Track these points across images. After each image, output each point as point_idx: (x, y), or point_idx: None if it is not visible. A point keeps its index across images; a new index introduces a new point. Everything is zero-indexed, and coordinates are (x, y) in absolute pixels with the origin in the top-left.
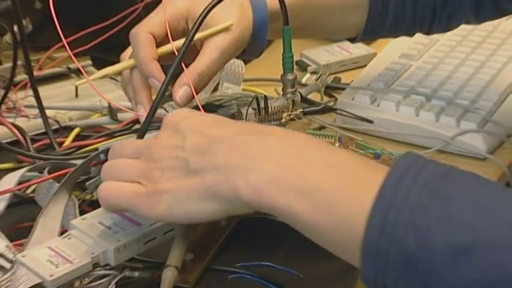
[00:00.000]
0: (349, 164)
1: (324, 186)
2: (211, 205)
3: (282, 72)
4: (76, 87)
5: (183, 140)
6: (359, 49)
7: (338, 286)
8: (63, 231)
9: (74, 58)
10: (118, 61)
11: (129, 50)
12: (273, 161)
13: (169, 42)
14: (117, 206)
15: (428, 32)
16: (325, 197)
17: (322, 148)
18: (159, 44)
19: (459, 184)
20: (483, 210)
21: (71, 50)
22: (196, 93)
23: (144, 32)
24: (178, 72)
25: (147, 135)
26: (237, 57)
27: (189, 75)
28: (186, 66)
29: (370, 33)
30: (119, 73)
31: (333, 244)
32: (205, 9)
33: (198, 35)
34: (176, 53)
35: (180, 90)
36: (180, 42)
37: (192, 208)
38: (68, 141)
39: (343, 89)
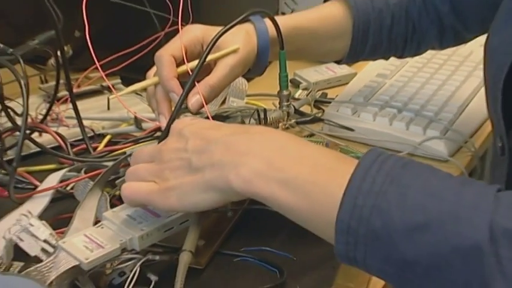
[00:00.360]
0: (323, 157)
1: (301, 176)
2: (211, 196)
3: (278, 88)
4: (108, 101)
5: (186, 143)
6: (342, 69)
7: (326, 267)
8: (96, 222)
9: (105, 78)
10: (143, 79)
11: (154, 69)
12: (258, 156)
13: (190, 61)
14: (136, 202)
15: (400, 56)
16: (302, 186)
17: (300, 143)
18: (178, 65)
19: (415, 174)
20: (434, 194)
21: (104, 71)
22: (207, 103)
23: (166, 54)
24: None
25: None
26: (243, 76)
27: (203, 86)
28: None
29: (352, 57)
30: (144, 89)
31: (311, 225)
32: (216, 36)
33: (210, 57)
34: (190, 73)
35: (193, 99)
36: (195, 62)
37: (196, 199)
38: (101, 146)
39: (329, 102)
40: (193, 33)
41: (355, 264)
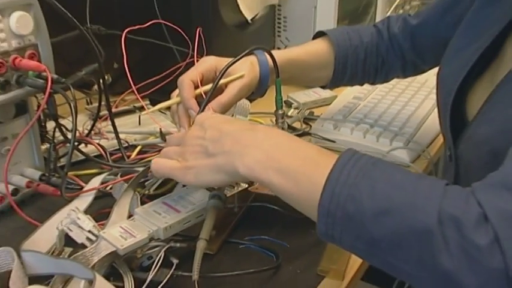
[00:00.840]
0: (311, 151)
1: (292, 167)
2: (221, 177)
3: (275, 108)
4: (139, 118)
5: (205, 133)
6: (326, 93)
7: (313, 252)
8: (129, 216)
9: (140, 99)
10: (168, 99)
11: (176, 91)
12: (260, 148)
13: (205, 85)
14: (161, 174)
15: (372, 83)
16: (293, 174)
17: (293, 140)
18: (196, 88)
19: (382, 170)
20: (396, 186)
21: (137, 94)
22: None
23: (186, 79)
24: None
25: None
26: (247, 97)
27: (215, 104)
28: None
29: (334, 83)
30: (169, 107)
31: (299, 206)
32: (226, 65)
33: (221, 81)
34: (204, 96)
35: (208, 113)
36: (210, 86)
37: (209, 178)
38: (133, 155)
39: (315, 119)
40: (208, 63)
41: (332, 241)
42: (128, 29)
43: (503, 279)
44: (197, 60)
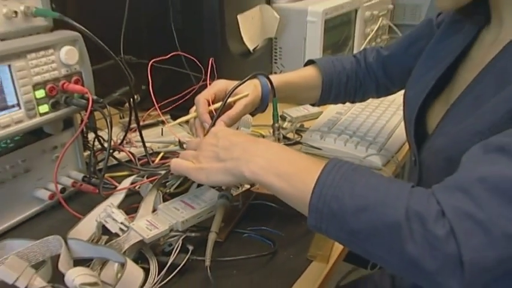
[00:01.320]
0: (303, 160)
1: (288, 172)
2: (229, 178)
3: (272, 121)
4: (162, 130)
5: (217, 141)
6: (314, 109)
7: (303, 241)
8: (154, 211)
9: (161, 115)
10: (186, 114)
11: (194, 108)
12: (262, 157)
13: (216, 103)
14: (178, 171)
15: (352, 102)
16: (289, 178)
17: (289, 151)
18: (209, 105)
19: (360, 174)
20: (372, 188)
21: (160, 110)
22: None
23: (202, 98)
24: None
25: None
26: (251, 113)
27: (225, 117)
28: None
29: (322, 101)
30: (187, 121)
31: (293, 204)
32: (234, 87)
33: (230, 99)
34: (214, 113)
35: (218, 124)
36: (220, 103)
37: (218, 179)
38: (157, 160)
39: (305, 131)
40: (219, 85)
41: (320, 232)
42: (154, 60)
43: (457, 264)
44: (209, 84)
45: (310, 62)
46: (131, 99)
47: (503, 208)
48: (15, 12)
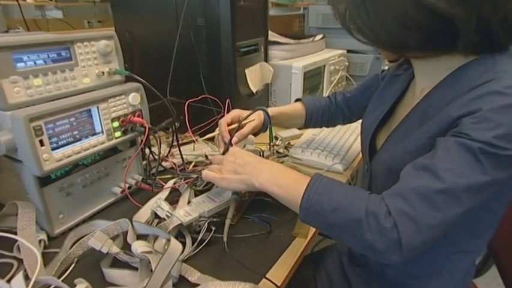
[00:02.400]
0: (295, 175)
1: (285, 184)
2: (242, 186)
3: (268, 140)
4: (193, 146)
5: (235, 159)
6: (297, 131)
7: (290, 224)
8: (188, 202)
9: (193, 136)
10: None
11: (218, 128)
12: (267, 173)
13: (233, 124)
14: (208, 179)
15: (326, 127)
16: (286, 188)
17: (285, 169)
18: (228, 125)
19: (335, 185)
20: (343, 194)
21: (192, 133)
22: (238, 142)
23: (223, 121)
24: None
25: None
26: (254, 133)
27: (238, 134)
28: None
29: (305, 127)
30: (213, 137)
31: (288, 205)
32: (246, 115)
33: (243, 123)
34: (228, 136)
35: (234, 139)
36: (235, 125)
37: (235, 186)
38: (190, 167)
39: (291, 147)
40: (235, 112)
41: (307, 223)
42: (189, 100)
43: (398, 245)
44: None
45: (298, 100)
46: (173, 126)
47: (427, 209)
48: (103, 72)
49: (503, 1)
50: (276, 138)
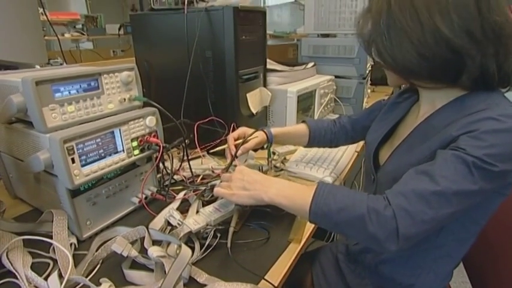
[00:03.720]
0: (299, 187)
1: (292, 195)
2: (251, 201)
3: (267, 156)
4: (201, 161)
5: (243, 177)
6: (292, 147)
7: (285, 230)
8: (197, 212)
9: (199, 152)
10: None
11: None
12: (274, 187)
13: (240, 139)
14: (219, 195)
15: (330, 147)
16: (293, 199)
17: (289, 183)
18: (235, 140)
19: (337, 189)
20: (345, 196)
21: (200, 150)
22: (242, 154)
23: (231, 136)
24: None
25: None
26: (255, 149)
27: (242, 148)
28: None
29: (308, 146)
30: (220, 152)
31: (296, 212)
32: (251, 133)
33: (248, 139)
34: (233, 151)
35: (239, 152)
36: (241, 140)
37: (244, 201)
38: (198, 180)
39: (287, 161)
40: (242, 129)
41: (316, 224)
42: (198, 122)
43: (396, 235)
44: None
45: (303, 121)
46: (184, 144)
47: (422, 206)
48: (124, 98)
49: (504, 51)
50: (274, 153)
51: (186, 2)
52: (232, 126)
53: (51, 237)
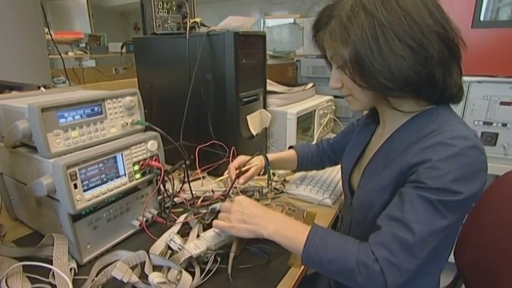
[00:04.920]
0: (297, 227)
1: (290, 235)
2: (250, 234)
3: (267, 179)
4: (202, 183)
5: (242, 209)
6: (290, 170)
7: (285, 255)
8: (197, 236)
9: (200, 173)
10: (218, 174)
11: (227, 171)
12: (273, 224)
13: (240, 168)
14: (218, 228)
15: (317, 169)
16: (290, 238)
17: (288, 220)
18: (236, 169)
19: (329, 238)
20: (336, 247)
21: (200, 172)
22: (244, 183)
23: (232, 166)
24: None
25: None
26: None
27: (244, 177)
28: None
29: (297, 170)
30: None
31: (293, 252)
32: (249, 159)
33: (246, 167)
34: (232, 177)
35: (241, 181)
36: (242, 169)
37: (244, 234)
38: (199, 202)
39: (287, 182)
40: (241, 158)
41: (307, 266)
42: (200, 146)
43: (385, 285)
44: (231, 160)
45: (291, 147)
46: (185, 165)
47: (406, 256)
48: (127, 123)
49: (449, 75)
50: (274, 174)
51: (188, 27)
52: (232, 150)
53: (51, 262)
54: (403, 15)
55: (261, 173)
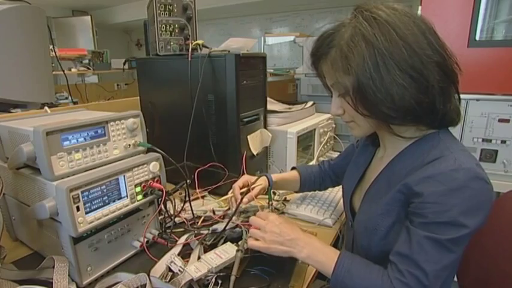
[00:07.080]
0: (328, 252)
1: (321, 261)
2: (285, 254)
3: (268, 199)
4: (202, 202)
5: (280, 231)
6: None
7: (286, 277)
8: (198, 258)
9: (198, 194)
10: (219, 195)
11: (231, 190)
12: (307, 249)
13: (246, 187)
14: (254, 248)
15: (319, 190)
16: (322, 264)
17: (319, 244)
18: (240, 189)
19: (355, 268)
20: (362, 278)
21: (200, 192)
22: (248, 202)
23: (236, 185)
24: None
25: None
26: None
27: (248, 197)
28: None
29: (300, 191)
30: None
31: (324, 274)
32: (255, 180)
33: (252, 187)
34: (238, 199)
35: (245, 200)
36: (246, 188)
37: (277, 254)
38: (199, 222)
39: (288, 201)
40: (245, 178)
41: None
42: (199, 168)
43: None
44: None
45: (293, 168)
46: (186, 185)
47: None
48: (129, 144)
49: (448, 101)
50: (274, 193)
51: (190, 49)
52: (241, 169)
53: (51, 284)
54: (403, 45)
55: (263, 192)
